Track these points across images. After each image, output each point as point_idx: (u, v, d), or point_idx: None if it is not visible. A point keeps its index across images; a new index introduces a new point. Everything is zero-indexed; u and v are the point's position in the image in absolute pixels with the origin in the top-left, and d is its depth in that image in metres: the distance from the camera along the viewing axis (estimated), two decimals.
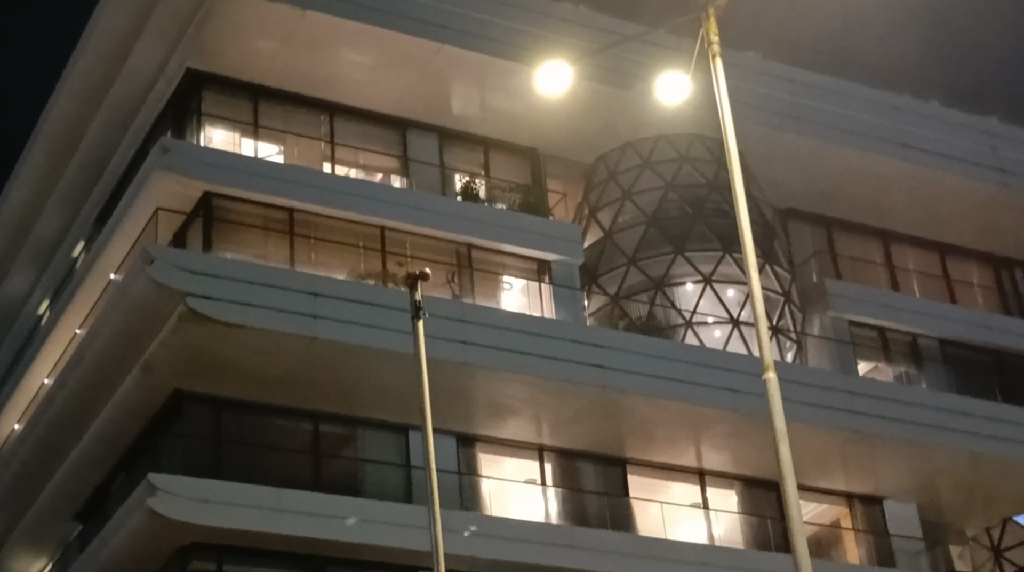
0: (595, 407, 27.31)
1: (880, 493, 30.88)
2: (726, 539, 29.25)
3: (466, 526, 25.21)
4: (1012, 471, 30.89)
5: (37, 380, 32.52)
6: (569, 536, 26.72)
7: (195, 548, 24.32)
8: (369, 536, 24.89)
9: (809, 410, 27.97)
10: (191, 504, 23.89)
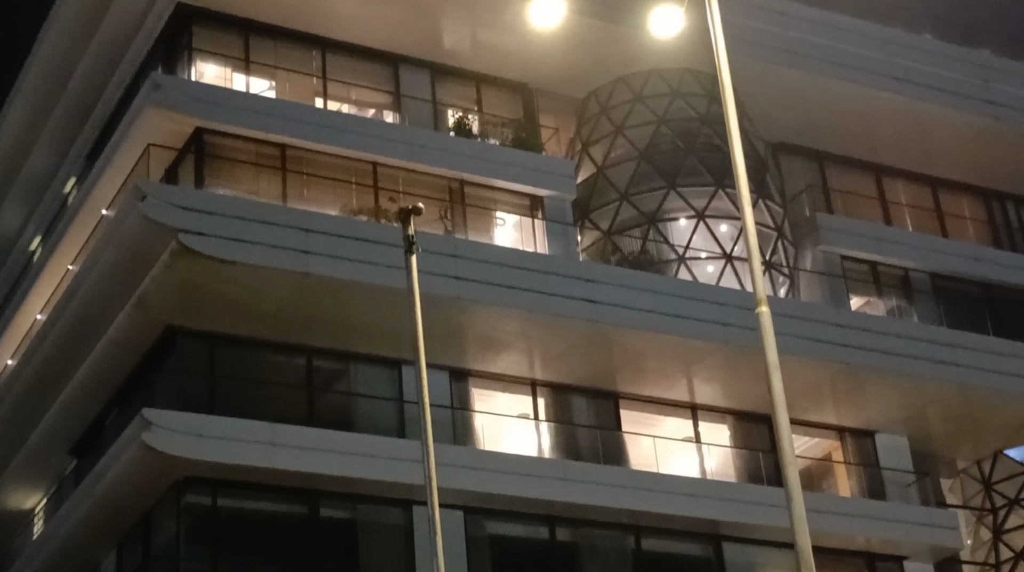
0: (587, 341, 27.36)
1: (871, 426, 31.03)
2: (718, 472, 29.40)
3: None
4: (1002, 403, 31.04)
5: (30, 316, 32.53)
6: (562, 469, 26.85)
7: (190, 482, 24.42)
8: (362, 470, 25.00)
9: (801, 344, 28.05)
10: (185, 438, 23.96)
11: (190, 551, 24.52)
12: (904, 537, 29.49)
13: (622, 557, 27.68)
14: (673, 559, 28.11)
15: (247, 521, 25.30)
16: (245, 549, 25.12)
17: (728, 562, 28.19)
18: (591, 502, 26.66)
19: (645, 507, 27.05)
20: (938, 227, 35.22)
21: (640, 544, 27.59)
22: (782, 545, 27.52)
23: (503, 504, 26.25)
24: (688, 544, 28.19)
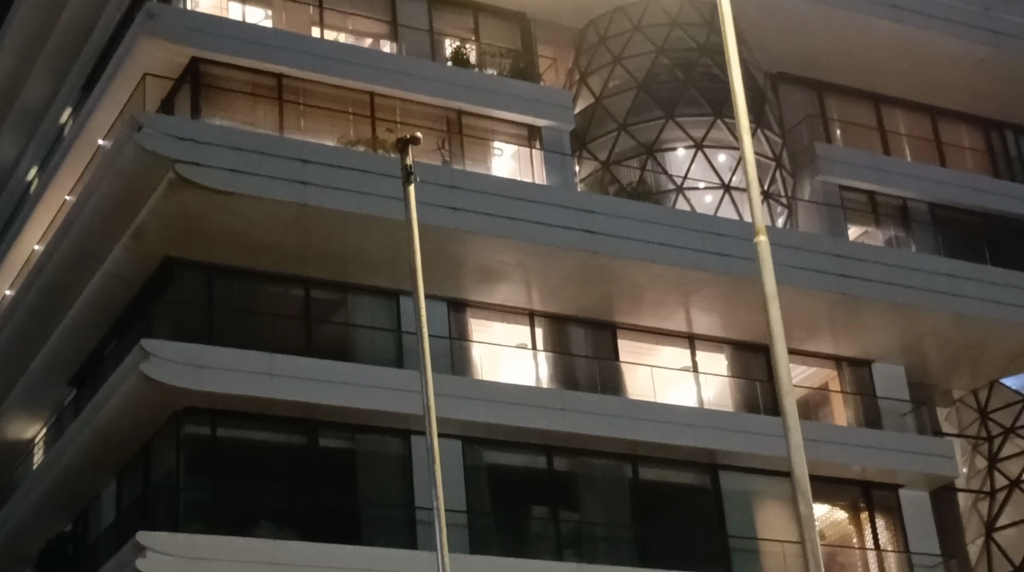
0: (585, 272, 27.36)
1: (868, 356, 31.11)
2: (715, 402, 29.52)
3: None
4: (999, 333, 31.11)
5: (27, 246, 32.52)
6: (559, 399, 26.95)
7: (189, 412, 24.51)
8: (361, 400, 25.09)
9: (798, 274, 28.06)
10: (184, 369, 24.02)
11: (190, 481, 24.66)
12: (900, 466, 29.67)
13: (619, 486, 27.85)
14: (670, 488, 28.30)
15: (246, 451, 25.42)
16: (244, 479, 25.24)
17: (725, 491, 28.36)
18: (588, 431, 26.78)
19: (642, 436, 27.18)
20: (937, 157, 35.14)
21: (637, 473, 27.75)
22: (779, 474, 27.66)
23: (501, 434, 26.36)
24: (685, 473, 28.35)
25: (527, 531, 26.97)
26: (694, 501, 28.60)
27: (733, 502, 28.39)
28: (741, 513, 28.46)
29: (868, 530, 29.97)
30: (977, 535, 34.04)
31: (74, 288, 27.32)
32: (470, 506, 25.80)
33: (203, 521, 24.26)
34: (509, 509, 26.84)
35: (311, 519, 24.95)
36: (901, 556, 29.64)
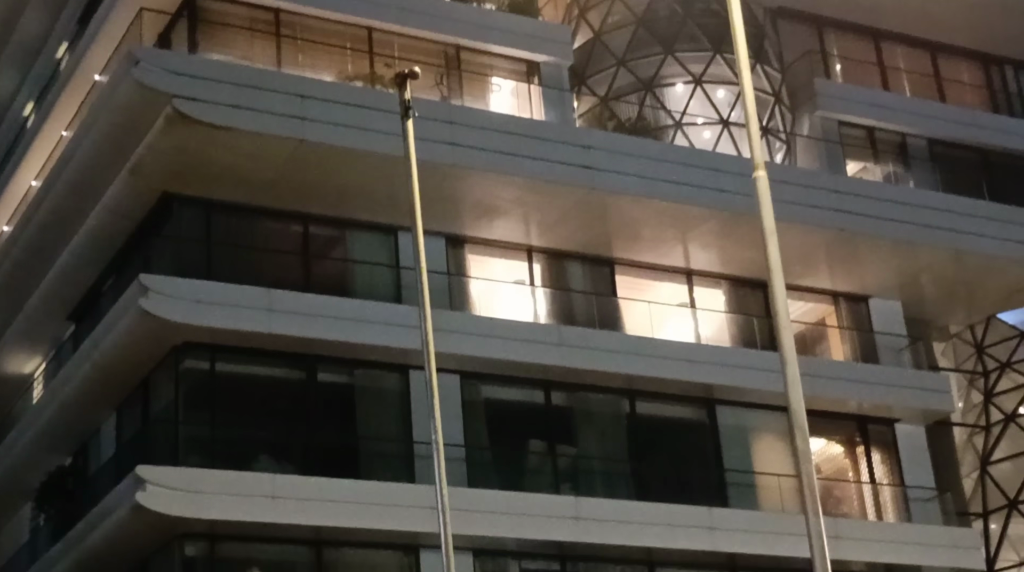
0: (583, 208, 27.34)
1: (865, 291, 31.16)
2: (713, 337, 29.60)
3: None
4: (996, 268, 31.15)
5: (25, 182, 32.46)
6: (557, 334, 27.02)
7: (188, 348, 24.57)
8: (359, 335, 25.15)
9: (796, 210, 28.05)
10: (183, 304, 24.06)
11: (189, 415, 24.76)
12: (896, 400, 29.81)
13: (616, 420, 27.98)
14: (667, 422, 28.43)
15: (245, 386, 25.51)
16: (243, 413, 25.35)
17: (721, 425, 28.52)
18: (586, 366, 26.88)
19: (640, 371, 27.28)
20: (936, 92, 35.04)
21: (635, 408, 27.88)
22: (775, 408, 27.78)
23: (499, 369, 26.46)
24: (682, 408, 28.49)
25: (524, 465, 27.11)
26: (691, 436, 28.74)
27: (730, 437, 28.55)
28: (738, 447, 28.62)
29: (864, 464, 30.15)
30: (972, 469, 34.29)
31: (72, 224, 27.30)
32: (468, 440, 25.93)
33: (202, 455, 24.38)
34: (507, 443, 26.97)
35: (310, 453, 25.07)
36: (896, 490, 29.84)
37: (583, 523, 25.60)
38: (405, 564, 24.84)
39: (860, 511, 29.75)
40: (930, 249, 30.15)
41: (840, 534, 26.84)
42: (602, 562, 26.43)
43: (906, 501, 29.63)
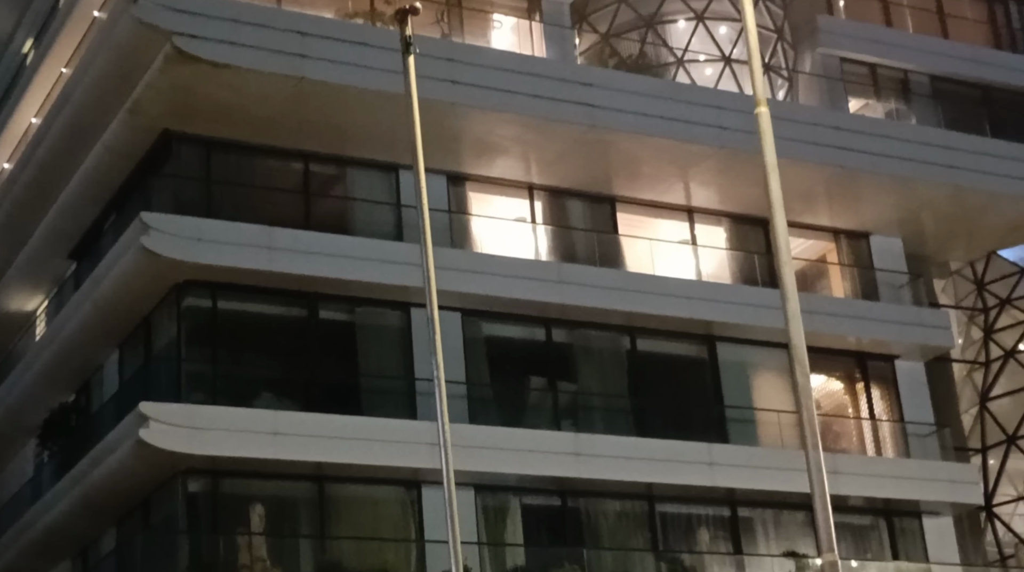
0: (584, 145, 27.30)
1: (866, 228, 31.17)
2: (713, 274, 29.64)
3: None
4: (997, 205, 31.15)
5: (24, 120, 32.37)
6: (558, 272, 27.06)
7: (189, 285, 24.62)
8: (360, 273, 25.19)
9: (798, 146, 28.00)
10: (184, 242, 24.08)
11: (191, 352, 24.85)
12: (895, 337, 29.90)
13: (617, 357, 28.07)
14: (667, 359, 28.53)
15: (247, 323, 25.58)
16: (245, 351, 25.45)
17: (722, 362, 28.62)
18: (587, 304, 26.93)
19: (640, 308, 27.35)
20: (939, 28, 34.86)
21: (635, 345, 27.97)
22: (775, 345, 27.89)
23: (500, 306, 26.52)
24: (682, 344, 28.57)
25: (525, 402, 27.24)
26: (691, 372, 28.85)
27: (730, 373, 28.66)
28: (737, 384, 28.74)
29: (863, 400, 30.29)
30: (971, 405, 34.46)
31: (72, 162, 27.26)
32: (469, 377, 26.04)
33: (204, 392, 24.49)
34: (508, 380, 27.08)
35: (311, 390, 25.18)
36: (895, 425, 29.99)
37: (583, 459, 25.75)
38: (407, 499, 25.02)
39: (859, 447, 29.93)
40: (931, 186, 30.13)
41: (839, 469, 27.00)
42: (602, 497, 26.59)
43: (905, 437, 29.79)
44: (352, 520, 24.98)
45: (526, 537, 25.99)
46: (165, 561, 23.41)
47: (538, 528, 26.34)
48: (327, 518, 24.61)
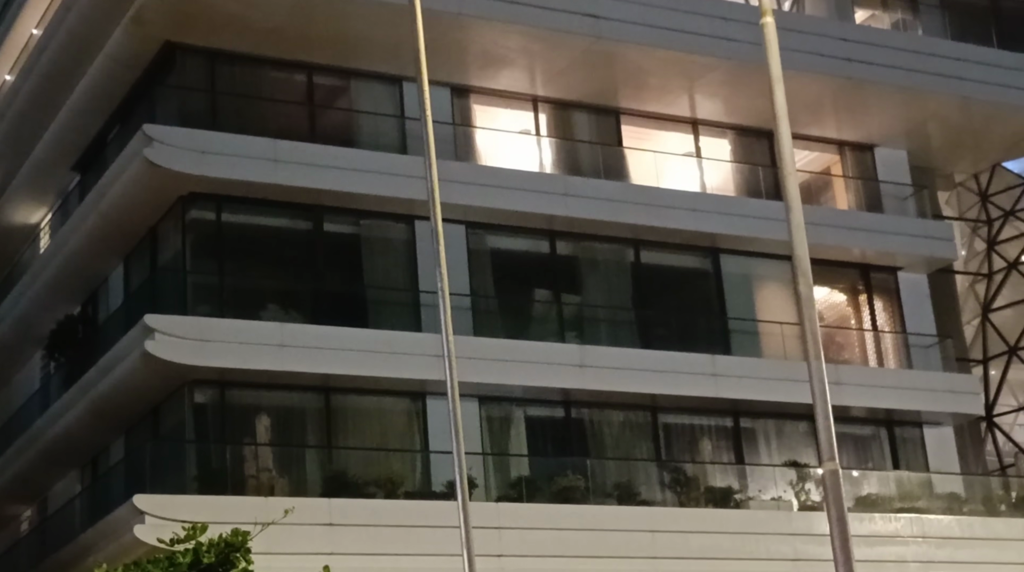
0: (589, 57, 27.19)
1: (871, 140, 31.11)
2: (718, 187, 29.64)
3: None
4: (1003, 116, 31.06)
5: (26, 31, 32.18)
6: (562, 184, 27.07)
7: (194, 198, 24.66)
8: (365, 185, 25.20)
9: (804, 57, 27.88)
10: (187, 154, 24.08)
11: (196, 265, 24.97)
12: (899, 248, 29.94)
13: (621, 269, 28.16)
14: (672, 271, 28.62)
15: (252, 236, 25.67)
16: (251, 263, 25.57)
17: (725, 273, 28.70)
18: (591, 216, 26.97)
19: (645, 221, 27.39)
20: None
21: (639, 257, 28.04)
22: (779, 257, 28.00)
23: (504, 219, 26.57)
24: (686, 256, 28.65)
25: (530, 314, 27.38)
26: (695, 284, 28.96)
27: (733, 285, 28.76)
28: (741, 296, 28.85)
29: (866, 311, 30.41)
30: (973, 316, 34.60)
31: (75, 73, 27.17)
32: (474, 290, 26.16)
33: (210, 304, 24.62)
34: (512, 292, 27.20)
35: (317, 302, 25.31)
36: (898, 337, 30.12)
37: (588, 370, 25.91)
38: (412, 410, 25.24)
39: (861, 358, 30.09)
40: (937, 97, 30.04)
41: (841, 380, 27.17)
42: (606, 408, 26.80)
43: (907, 348, 29.94)
44: (358, 431, 25.21)
45: (530, 448, 26.24)
46: (173, 470, 23.67)
47: (542, 439, 26.58)
48: (333, 429, 24.84)
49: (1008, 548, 27.30)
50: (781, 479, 27.10)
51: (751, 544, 25.25)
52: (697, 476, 26.77)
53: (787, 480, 27.04)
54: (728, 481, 26.82)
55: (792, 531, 25.67)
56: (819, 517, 24.50)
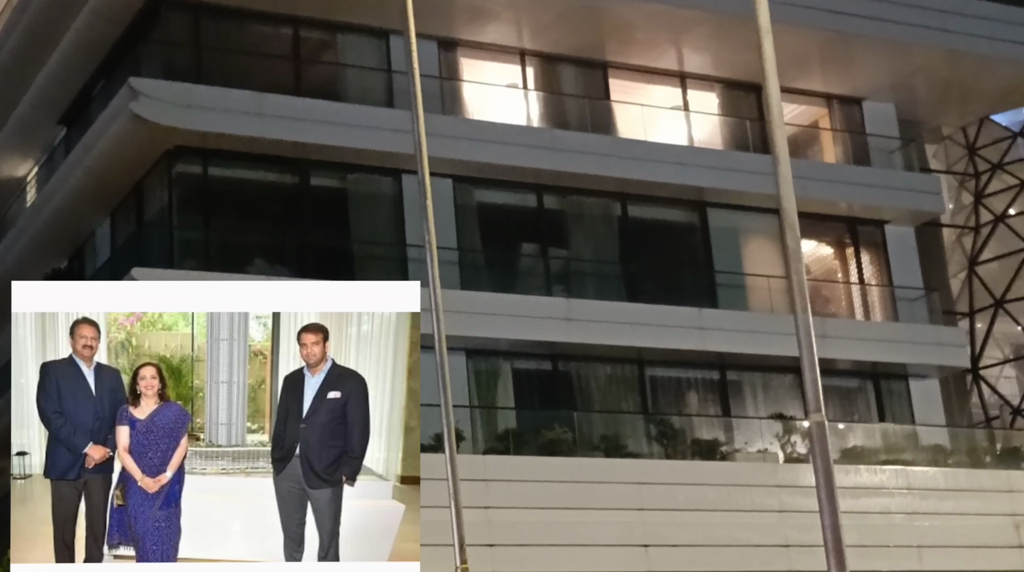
0: (576, 10, 27.11)
1: (858, 94, 31.10)
2: (706, 141, 29.63)
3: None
4: (990, 68, 31.03)
5: None
6: (550, 138, 27.05)
7: (180, 152, 24.61)
8: (352, 139, 25.17)
9: (791, 10, 27.79)
10: (174, 108, 24.02)
11: (183, 219, 24.94)
12: (886, 201, 29.99)
13: (608, 223, 28.18)
14: (658, 225, 28.65)
15: (238, 190, 25.64)
16: (237, 218, 25.53)
17: (713, 227, 28.74)
18: (578, 170, 26.97)
19: (632, 175, 27.39)
20: None
21: (626, 211, 28.06)
22: (766, 211, 28.04)
23: (491, 173, 26.55)
24: (673, 210, 28.67)
25: (517, 268, 27.41)
26: (682, 238, 29.01)
27: (721, 238, 28.80)
28: (728, 250, 28.90)
29: (853, 265, 30.49)
30: (960, 269, 34.71)
31: (59, 28, 27.04)
32: (461, 244, 26.17)
33: (196, 259, 24.58)
34: (499, 246, 27.22)
35: (304, 257, 25.31)
36: (884, 290, 30.22)
37: (575, 324, 25.98)
38: None
39: (848, 311, 30.21)
40: (925, 49, 30.01)
41: (827, 333, 27.27)
42: (593, 361, 26.89)
43: (894, 301, 30.05)
44: None
45: (517, 401, 26.33)
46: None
47: (529, 392, 26.68)
48: None
49: (992, 499, 27.49)
50: (767, 431, 27.24)
51: (737, 496, 25.39)
52: (684, 429, 26.87)
53: (773, 432, 27.18)
54: (715, 434, 26.96)
55: (778, 483, 25.80)
56: (805, 469, 24.66)
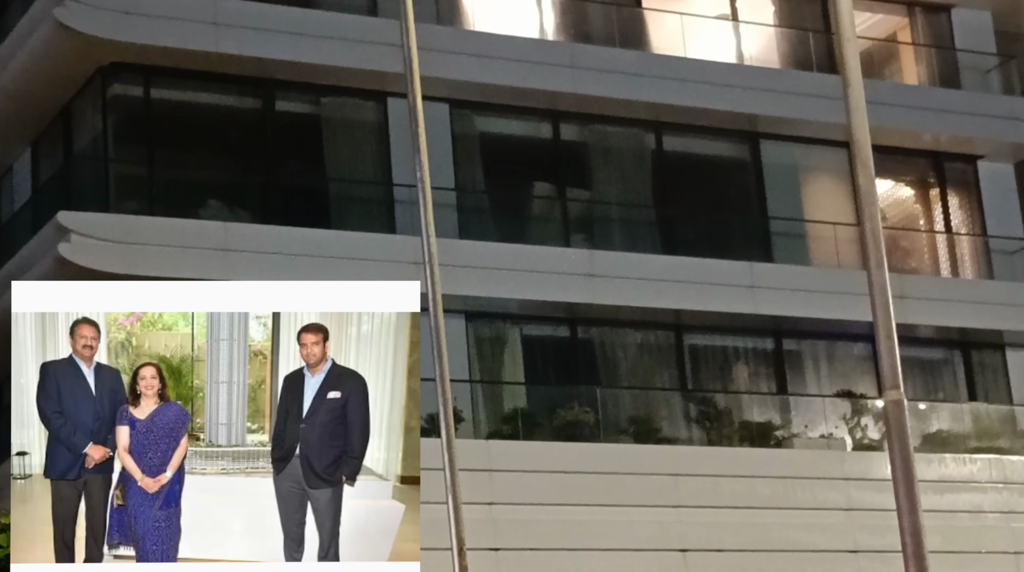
0: None
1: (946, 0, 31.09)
2: (758, 57, 29.62)
3: None
4: None
5: None
6: (570, 54, 27.07)
7: (116, 69, 24.65)
8: (327, 55, 25.20)
9: None
10: (109, 16, 24.04)
11: (120, 151, 25.04)
12: (980, 132, 29.99)
13: (640, 158, 28.23)
14: (701, 160, 28.71)
15: (189, 116, 25.69)
16: (187, 150, 25.63)
17: (766, 164, 28.78)
18: (603, 93, 27.00)
19: (668, 99, 27.43)
20: None
21: (661, 143, 28.10)
22: (832, 143, 28.06)
23: (498, 96, 26.59)
24: (719, 143, 28.73)
25: (528, 212, 27.50)
26: (730, 176, 29.07)
27: (776, 177, 28.85)
28: (786, 190, 28.96)
29: (938, 209, 30.51)
30: None
31: None
32: (459, 183, 26.24)
33: (139, 200, 24.69)
34: (507, 186, 27.31)
35: (268, 198, 25.40)
36: (977, 240, 30.25)
37: (598, 281, 26.06)
38: None
39: (932, 266, 30.24)
40: None
41: (906, 293, 27.31)
42: (620, 326, 26.98)
43: (988, 254, 30.09)
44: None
45: (527, 375, 26.47)
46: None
47: (543, 364, 26.81)
48: None
49: None
50: (832, 413, 27.34)
51: (795, 491, 25.52)
52: (730, 409, 27.01)
53: (840, 414, 27.28)
54: (767, 415, 27.09)
55: (845, 475, 25.93)
56: (879, 458, 24.76)
